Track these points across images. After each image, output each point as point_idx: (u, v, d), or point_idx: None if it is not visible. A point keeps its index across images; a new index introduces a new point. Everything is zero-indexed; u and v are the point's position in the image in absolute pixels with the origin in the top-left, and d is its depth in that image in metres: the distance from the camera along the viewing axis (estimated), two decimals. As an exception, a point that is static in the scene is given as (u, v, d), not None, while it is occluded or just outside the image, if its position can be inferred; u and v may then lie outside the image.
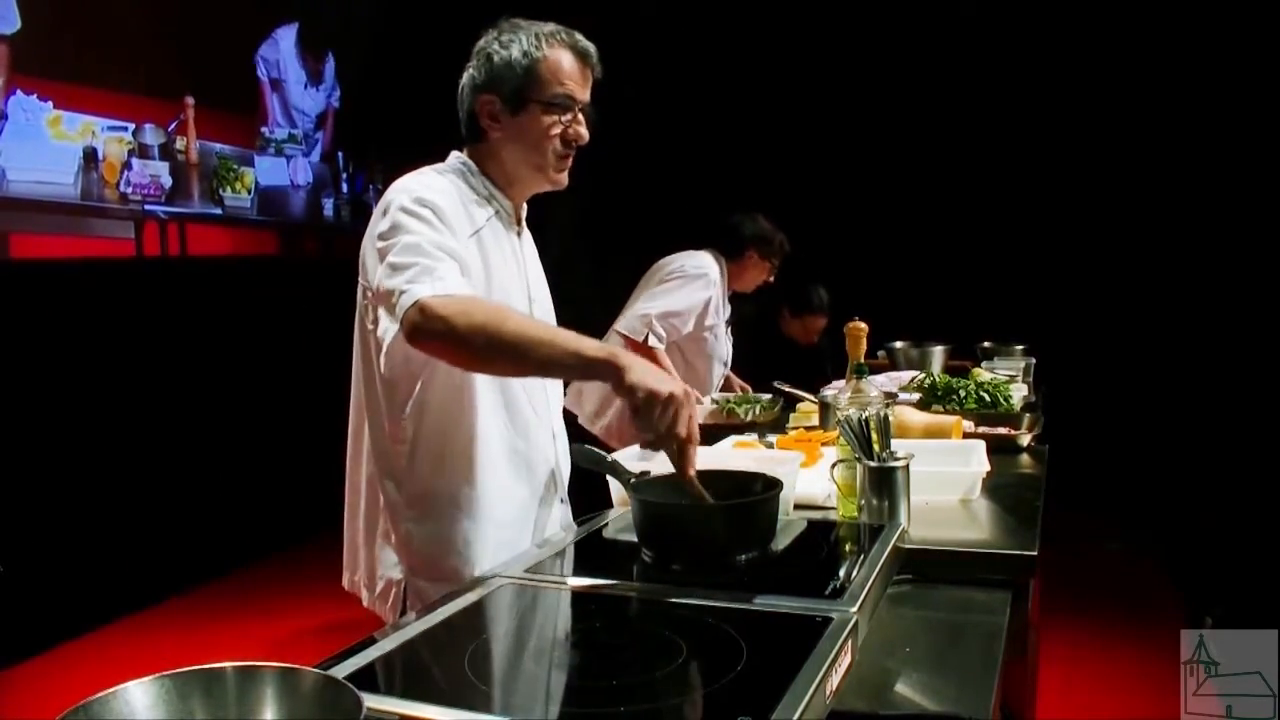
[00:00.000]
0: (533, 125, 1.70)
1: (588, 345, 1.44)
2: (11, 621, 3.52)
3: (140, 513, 4.28)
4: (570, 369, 1.49)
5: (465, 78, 1.74)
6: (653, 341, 3.41)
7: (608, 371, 1.40)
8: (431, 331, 1.47)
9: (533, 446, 1.78)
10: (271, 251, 5.34)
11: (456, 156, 1.79)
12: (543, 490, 1.80)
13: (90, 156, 4.22)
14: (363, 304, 1.72)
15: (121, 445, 4.27)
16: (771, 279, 3.83)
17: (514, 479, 1.75)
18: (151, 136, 4.51)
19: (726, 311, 3.73)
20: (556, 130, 1.71)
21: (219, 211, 4.92)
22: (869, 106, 5.71)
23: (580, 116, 1.73)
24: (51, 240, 4.13)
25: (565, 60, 1.70)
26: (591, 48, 1.75)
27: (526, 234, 1.88)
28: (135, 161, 4.43)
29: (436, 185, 1.68)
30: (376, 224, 1.64)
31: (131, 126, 4.41)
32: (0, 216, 3.89)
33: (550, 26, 1.72)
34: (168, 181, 4.59)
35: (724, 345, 3.74)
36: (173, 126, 4.63)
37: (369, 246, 1.66)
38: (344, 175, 5.82)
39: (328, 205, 5.70)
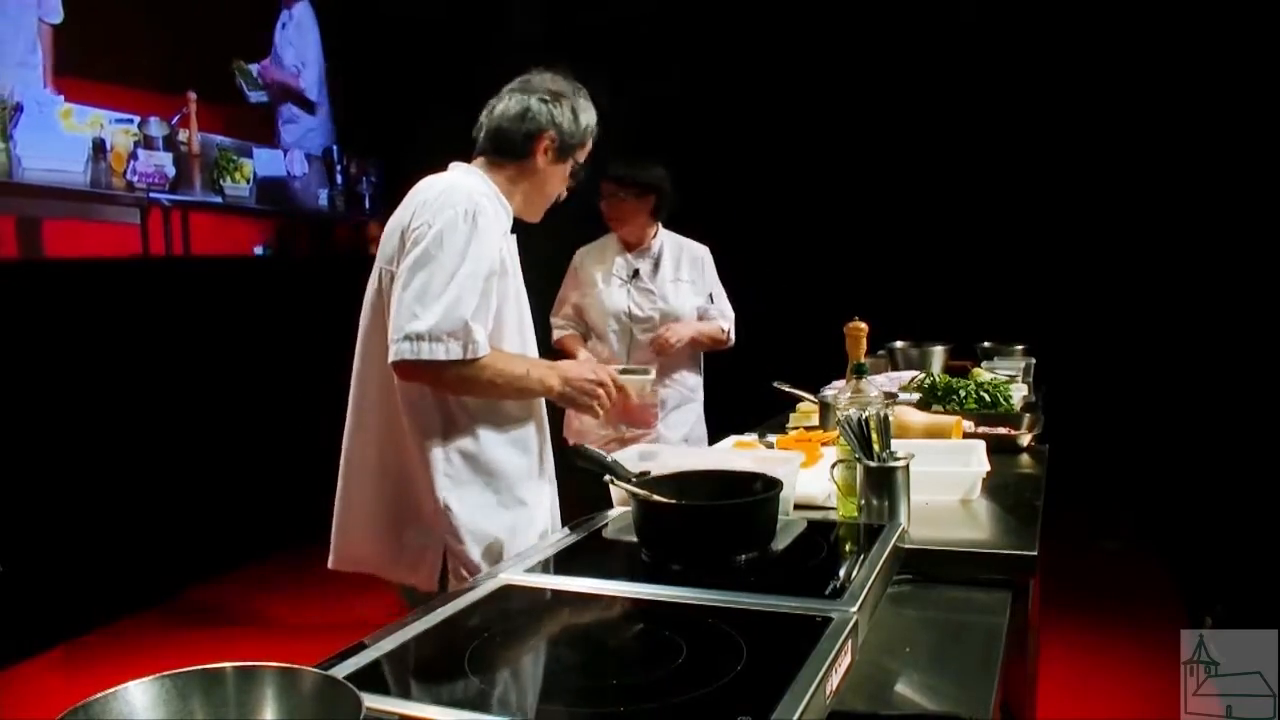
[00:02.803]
0: (556, 176, 2.01)
1: (545, 379, 1.91)
2: (11, 621, 3.52)
3: (140, 512, 4.27)
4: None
5: (539, 107, 1.94)
6: (556, 335, 3.51)
7: (549, 394, 1.92)
8: (420, 377, 1.80)
9: (543, 423, 2.02)
10: (270, 239, 5.46)
11: (465, 167, 1.96)
12: (546, 466, 2.04)
13: (99, 147, 4.38)
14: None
15: (121, 444, 4.26)
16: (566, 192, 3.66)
17: (540, 454, 2.00)
18: (156, 129, 4.66)
19: (598, 271, 3.51)
20: (563, 188, 2.04)
21: (219, 200, 5.08)
22: (869, 108, 5.69)
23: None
24: (62, 224, 4.28)
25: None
26: None
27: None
28: (141, 152, 4.58)
29: (484, 205, 1.84)
30: (413, 226, 1.80)
31: (137, 119, 4.56)
32: (15, 203, 4.08)
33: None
34: (171, 171, 4.73)
35: (609, 300, 3.46)
36: (176, 120, 4.77)
37: (398, 232, 1.84)
38: (339, 167, 6.02)
39: (322, 195, 5.88)
